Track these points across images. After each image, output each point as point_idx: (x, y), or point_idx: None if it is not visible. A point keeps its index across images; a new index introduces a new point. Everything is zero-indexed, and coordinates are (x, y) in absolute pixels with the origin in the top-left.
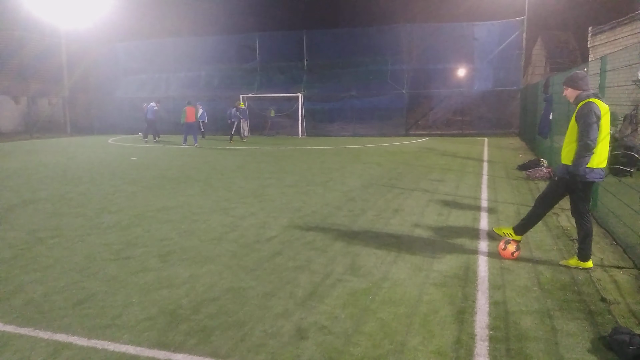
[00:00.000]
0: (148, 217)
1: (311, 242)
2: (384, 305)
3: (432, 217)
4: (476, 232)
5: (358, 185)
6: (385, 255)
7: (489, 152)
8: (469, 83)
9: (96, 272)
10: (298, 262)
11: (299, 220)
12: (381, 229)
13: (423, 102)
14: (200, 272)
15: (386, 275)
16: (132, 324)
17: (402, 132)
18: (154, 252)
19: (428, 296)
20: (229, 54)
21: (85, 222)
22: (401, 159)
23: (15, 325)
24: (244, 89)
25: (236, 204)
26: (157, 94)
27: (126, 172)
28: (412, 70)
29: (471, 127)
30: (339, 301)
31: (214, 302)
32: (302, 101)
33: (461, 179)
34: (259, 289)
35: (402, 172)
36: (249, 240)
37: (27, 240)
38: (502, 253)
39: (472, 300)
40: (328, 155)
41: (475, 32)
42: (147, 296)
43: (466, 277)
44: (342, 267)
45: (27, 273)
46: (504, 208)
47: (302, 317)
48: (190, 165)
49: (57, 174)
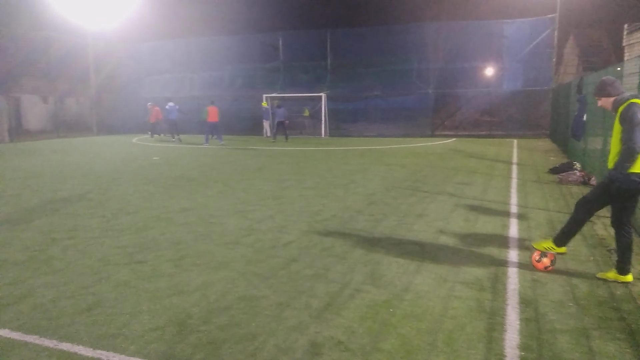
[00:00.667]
0: (165, 219)
1: (329, 248)
2: (405, 320)
3: (458, 223)
4: (505, 240)
5: (380, 188)
6: (407, 264)
7: (518, 154)
8: (497, 82)
9: (107, 276)
10: (315, 270)
11: (318, 225)
12: (404, 235)
13: (450, 102)
14: (214, 278)
15: (408, 286)
16: (139, 333)
17: (428, 132)
18: (168, 256)
19: (453, 310)
20: (252, 53)
21: (102, 223)
22: (426, 161)
23: (21, 332)
24: (267, 89)
25: (254, 206)
26: (181, 94)
27: (147, 172)
28: (439, 69)
29: (499, 128)
30: (356, 314)
31: (225, 311)
32: (325, 101)
33: (489, 182)
34: (273, 298)
35: (427, 175)
36: (265, 245)
37: (42, 241)
38: (536, 265)
39: (501, 316)
40: (350, 157)
41: (505, 30)
42: (157, 304)
43: (495, 290)
44: (362, 276)
45: (38, 276)
46: (535, 214)
47: (317, 331)
48: (210, 165)
49: (79, 173)
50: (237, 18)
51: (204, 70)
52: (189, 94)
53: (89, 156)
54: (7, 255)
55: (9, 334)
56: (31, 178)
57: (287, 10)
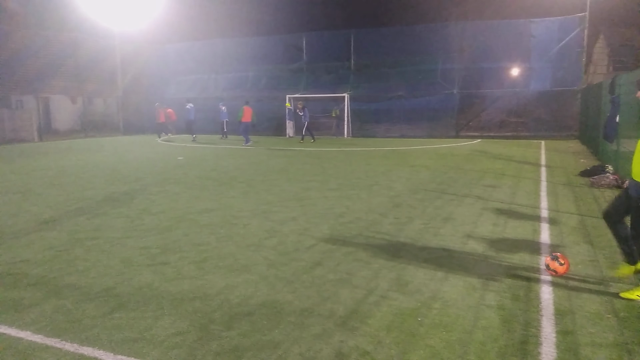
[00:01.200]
0: (188, 220)
1: (353, 252)
2: (434, 330)
3: (487, 227)
4: (537, 246)
5: (405, 190)
6: (434, 270)
7: (547, 156)
8: (524, 83)
9: (131, 278)
10: (339, 275)
11: (341, 227)
12: (430, 239)
13: (475, 103)
14: (236, 281)
15: (436, 294)
16: (161, 338)
17: (453, 133)
18: (191, 258)
19: (484, 321)
20: (276, 54)
21: (126, 223)
22: (451, 163)
23: (42, 335)
24: (290, 89)
25: (277, 207)
26: (205, 95)
27: (172, 172)
28: (464, 69)
29: (527, 129)
30: (383, 322)
31: (247, 317)
32: (348, 101)
33: (517, 185)
34: (296, 304)
35: (453, 177)
36: (288, 248)
37: (67, 241)
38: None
39: (535, 327)
40: (374, 158)
41: (533, 29)
42: (180, 307)
43: (528, 300)
44: (387, 283)
45: (62, 277)
46: (567, 219)
47: (342, 340)
48: (234, 165)
49: (105, 172)
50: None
51: (228, 71)
52: (213, 95)
53: (115, 156)
54: (32, 254)
55: (30, 337)
56: (58, 177)
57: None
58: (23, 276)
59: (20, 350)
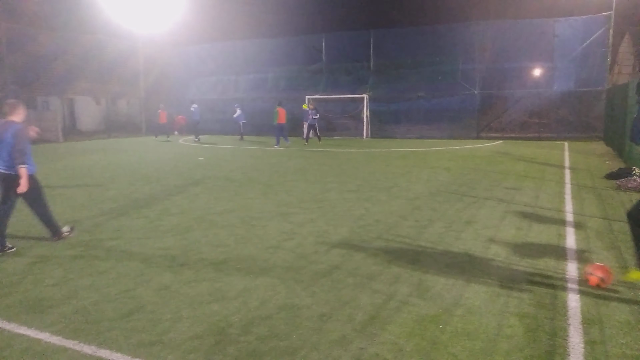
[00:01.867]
0: (207, 221)
1: (373, 255)
2: (456, 338)
3: (510, 231)
4: (562, 251)
5: (425, 192)
6: (456, 275)
7: (570, 158)
8: (547, 83)
9: (149, 279)
10: (358, 279)
11: (360, 230)
12: (451, 243)
13: (496, 103)
14: (254, 284)
15: (458, 300)
16: (178, 342)
17: (473, 134)
18: (209, 260)
19: (509, 329)
20: (296, 55)
21: (146, 223)
22: (472, 164)
23: (61, 337)
24: (310, 90)
25: (296, 209)
26: (226, 96)
27: (192, 172)
28: (485, 69)
29: (550, 130)
30: (403, 329)
31: (265, 321)
32: (367, 102)
33: (541, 187)
34: (315, 308)
35: (474, 179)
36: (307, 250)
37: (87, 241)
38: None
39: (562, 337)
40: (393, 159)
41: (556, 28)
42: (198, 310)
43: (554, 308)
44: (408, 288)
45: (82, 277)
46: (593, 223)
47: (361, 347)
48: (254, 166)
49: (126, 172)
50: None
51: (248, 73)
52: (233, 96)
53: (137, 156)
54: (54, 254)
55: (49, 338)
56: (81, 177)
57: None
58: (44, 277)
59: (39, 351)
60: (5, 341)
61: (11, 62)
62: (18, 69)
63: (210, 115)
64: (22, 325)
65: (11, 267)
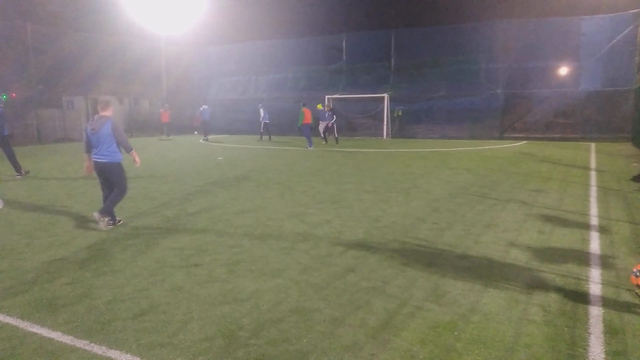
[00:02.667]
0: (223, 220)
1: (388, 258)
2: (471, 346)
3: (531, 235)
4: (586, 257)
5: (445, 194)
6: (474, 280)
7: (596, 159)
8: (573, 82)
9: (163, 279)
10: (372, 283)
11: (377, 232)
12: (470, 247)
13: (520, 103)
14: (267, 286)
15: (475, 306)
16: (187, 344)
17: (496, 135)
18: (223, 260)
19: (527, 338)
20: (316, 55)
21: (163, 223)
22: (494, 165)
23: (72, 337)
24: (330, 90)
25: (312, 209)
26: (246, 96)
27: (211, 172)
28: (509, 68)
29: (575, 131)
30: (417, 335)
31: (276, 324)
32: (387, 102)
33: (565, 189)
34: (327, 312)
35: (496, 180)
36: (321, 252)
37: (104, 239)
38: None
39: (582, 347)
40: (413, 159)
41: (583, 26)
42: (209, 311)
43: (575, 315)
44: (423, 292)
45: (97, 276)
46: (618, 227)
47: (372, 353)
48: (272, 166)
49: (146, 172)
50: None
51: (268, 73)
52: (253, 96)
53: (157, 156)
54: (70, 253)
55: (60, 338)
56: None
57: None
58: (59, 275)
59: (50, 351)
60: (18, 339)
61: (38, 63)
62: (44, 69)
63: (231, 115)
64: (35, 324)
65: (28, 265)
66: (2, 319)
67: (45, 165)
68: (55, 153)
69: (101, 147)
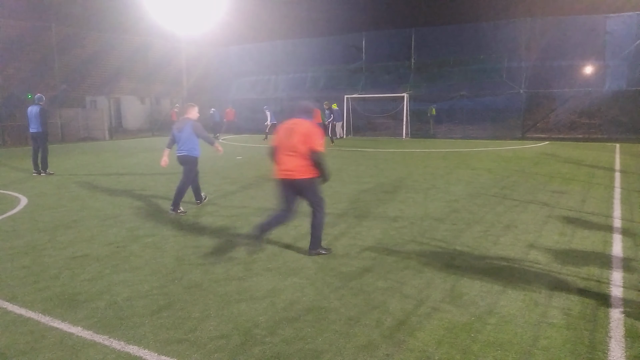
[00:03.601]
0: (242, 219)
1: (405, 259)
2: (488, 348)
3: (552, 237)
4: (608, 260)
5: (464, 195)
6: (492, 281)
7: (621, 161)
8: (598, 82)
9: (181, 276)
10: (389, 283)
11: (394, 232)
12: (489, 248)
13: (543, 103)
14: (283, 285)
15: (493, 308)
16: (204, 341)
17: (518, 135)
18: (240, 259)
19: (545, 341)
20: (335, 54)
21: (182, 221)
22: (516, 166)
23: (92, 332)
24: (349, 90)
25: (329, 209)
26: (265, 95)
27: (230, 171)
28: (532, 67)
29: (600, 132)
30: (433, 336)
31: (292, 323)
32: (407, 101)
33: (588, 191)
34: (343, 311)
35: (517, 181)
36: (338, 251)
37: (125, 237)
38: None
39: (603, 351)
40: (432, 159)
41: (608, 24)
42: (225, 309)
43: (595, 319)
44: (440, 293)
45: (117, 273)
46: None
47: (388, 353)
48: None
49: (166, 170)
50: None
51: (287, 72)
52: (273, 95)
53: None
54: (91, 250)
55: (80, 333)
56: (123, 175)
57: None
58: (81, 271)
59: (69, 345)
60: (40, 333)
61: (62, 63)
62: (68, 69)
63: (250, 114)
64: (56, 319)
65: (51, 262)
66: (24, 313)
67: (68, 163)
68: (78, 152)
69: (183, 144)
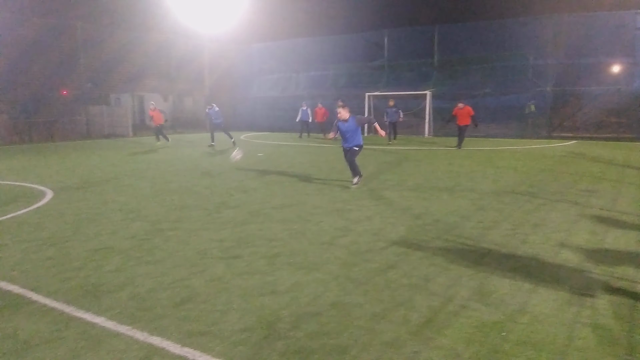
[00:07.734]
0: (263, 214)
1: (431, 256)
2: (520, 347)
3: (583, 236)
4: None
5: (490, 193)
6: (522, 280)
7: None
8: (628, 80)
9: (203, 270)
10: (414, 280)
11: (419, 229)
12: (517, 246)
13: (570, 101)
14: (306, 279)
15: (523, 306)
16: (227, 333)
17: (544, 134)
18: (262, 253)
19: (580, 341)
20: (357, 52)
21: (204, 215)
22: (542, 165)
23: (115, 322)
24: (370, 88)
25: (352, 205)
26: (287, 93)
27: (251, 167)
28: (558, 65)
29: (630, 131)
30: (462, 334)
31: (316, 317)
32: (430, 99)
33: (619, 190)
34: (367, 307)
35: (544, 180)
36: (361, 247)
37: (148, 230)
38: None
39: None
40: (456, 158)
41: (638, 21)
42: (248, 302)
43: (632, 321)
44: (467, 291)
45: (140, 265)
46: None
47: (415, 351)
48: (312, 163)
49: (189, 167)
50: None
51: (308, 70)
52: (294, 93)
53: (200, 151)
54: (115, 242)
55: (104, 323)
56: (146, 170)
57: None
58: (104, 263)
59: (93, 335)
60: (64, 323)
61: (87, 61)
62: (93, 67)
63: (272, 112)
64: (80, 309)
65: (75, 253)
66: (49, 303)
67: (93, 159)
68: (103, 148)
69: (349, 137)
